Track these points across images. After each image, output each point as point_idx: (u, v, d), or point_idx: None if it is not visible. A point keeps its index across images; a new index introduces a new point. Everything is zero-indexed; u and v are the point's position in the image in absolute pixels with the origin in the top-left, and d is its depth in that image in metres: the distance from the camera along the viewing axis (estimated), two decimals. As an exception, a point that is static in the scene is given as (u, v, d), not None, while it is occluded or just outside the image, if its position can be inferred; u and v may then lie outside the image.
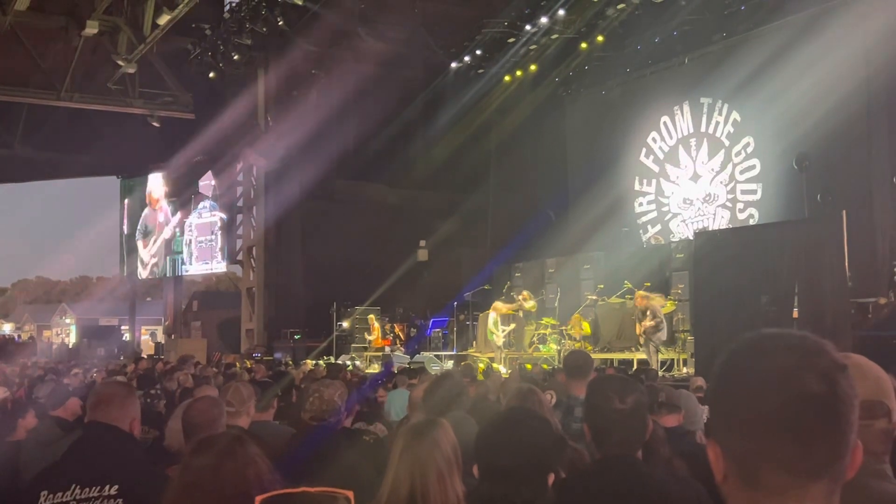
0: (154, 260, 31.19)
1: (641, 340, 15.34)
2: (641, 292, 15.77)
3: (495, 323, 19.38)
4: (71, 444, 3.21)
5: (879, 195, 16.53)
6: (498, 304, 19.14)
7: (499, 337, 19.43)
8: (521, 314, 18.57)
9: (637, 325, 15.42)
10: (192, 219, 29.62)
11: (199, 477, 2.23)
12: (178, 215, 30.24)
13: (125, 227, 32.34)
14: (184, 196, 29.73)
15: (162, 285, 33.31)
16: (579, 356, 4.94)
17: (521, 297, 18.55)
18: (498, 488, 2.52)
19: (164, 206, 30.81)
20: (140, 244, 31.69)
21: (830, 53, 16.79)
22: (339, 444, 4.06)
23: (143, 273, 31.93)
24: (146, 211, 31.51)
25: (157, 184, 31.16)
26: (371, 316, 22.47)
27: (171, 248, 30.19)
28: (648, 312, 15.05)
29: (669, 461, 3.52)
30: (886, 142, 16.85)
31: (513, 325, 19.34)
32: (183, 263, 30.07)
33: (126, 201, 32.59)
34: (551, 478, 2.56)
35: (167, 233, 30.64)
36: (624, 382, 2.88)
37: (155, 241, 31.16)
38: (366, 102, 25.41)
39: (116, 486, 2.94)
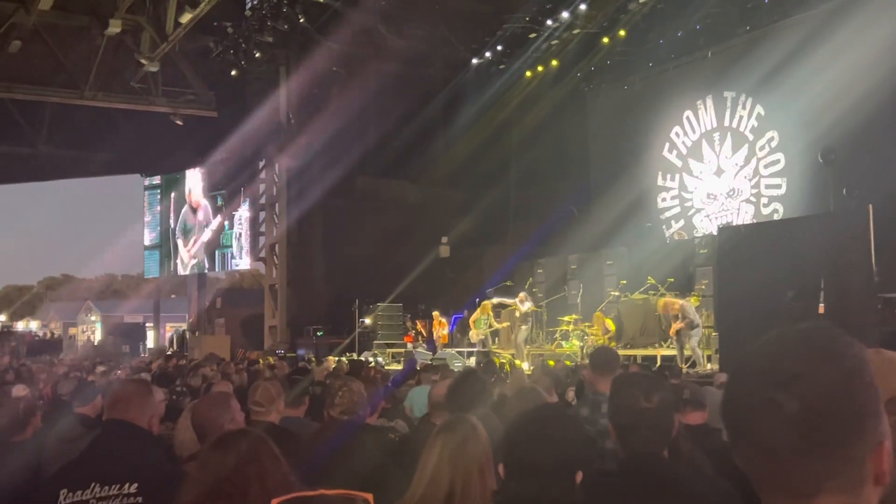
0: (194, 261, 31.30)
1: (674, 339, 15.22)
2: (662, 301, 15.67)
3: (476, 321, 19.53)
4: (90, 442, 3.21)
5: (906, 188, 16.32)
6: (485, 303, 19.57)
7: (476, 334, 19.55)
8: (517, 314, 18.54)
9: (671, 326, 15.30)
10: (242, 212, 29.57)
11: (213, 475, 2.22)
12: (221, 213, 30.23)
13: (170, 223, 32.34)
14: (230, 189, 29.72)
15: (186, 283, 33.49)
16: (606, 352, 4.90)
17: (517, 300, 18.56)
18: (526, 487, 2.49)
19: (204, 203, 30.84)
20: (180, 242, 31.81)
21: (855, 45, 16.60)
22: (365, 441, 4.05)
23: (183, 271, 32.02)
24: (185, 209, 31.58)
25: (195, 181, 31.17)
26: (435, 313, 22.08)
27: (220, 243, 30.12)
28: (681, 314, 14.94)
29: (692, 459, 3.47)
30: (913, 134, 16.64)
31: (505, 324, 19.46)
32: (233, 258, 30.03)
33: (162, 199, 32.66)
34: (579, 476, 2.53)
35: (207, 233, 30.64)
36: (650, 380, 2.84)
37: (196, 241, 31.25)
38: (387, 100, 25.42)
39: (136, 485, 2.93)
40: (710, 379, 10.93)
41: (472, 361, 18.37)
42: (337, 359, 19.30)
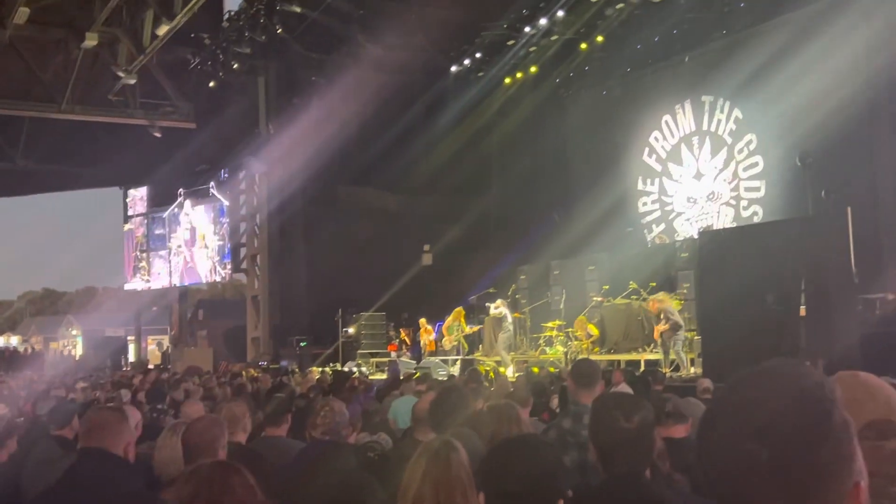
0: (176, 269, 31.06)
1: (659, 342, 15.24)
2: (652, 298, 15.70)
3: (448, 328, 19.61)
4: (66, 471, 3.17)
5: (884, 190, 16.48)
6: (457, 310, 19.93)
7: (448, 340, 19.64)
8: (496, 320, 18.60)
9: (655, 329, 15.32)
10: (218, 221, 29.35)
11: None
12: (197, 222, 30.00)
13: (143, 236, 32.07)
14: (206, 198, 29.53)
15: (168, 295, 33.26)
16: (587, 365, 4.89)
17: (493, 306, 18.62)
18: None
19: (182, 215, 30.61)
20: (160, 253, 31.56)
21: (832, 50, 16.74)
22: (346, 461, 4.02)
23: (172, 282, 31.70)
24: (165, 220, 31.32)
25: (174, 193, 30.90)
26: (422, 320, 22.04)
27: (221, 252, 29.83)
28: (662, 315, 14.97)
29: (670, 477, 3.46)
30: (890, 137, 16.79)
31: (475, 328, 19.58)
32: (224, 268, 29.77)
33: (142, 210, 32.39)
34: (560, 503, 2.51)
35: (197, 240, 30.41)
36: (630, 401, 2.84)
37: (173, 251, 31.01)
38: (366, 108, 25.38)
39: (111, 515, 2.89)
40: (694, 383, 10.96)
41: (457, 369, 18.34)
42: (321, 369, 19.23)
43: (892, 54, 15.74)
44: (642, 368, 15.08)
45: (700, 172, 21.43)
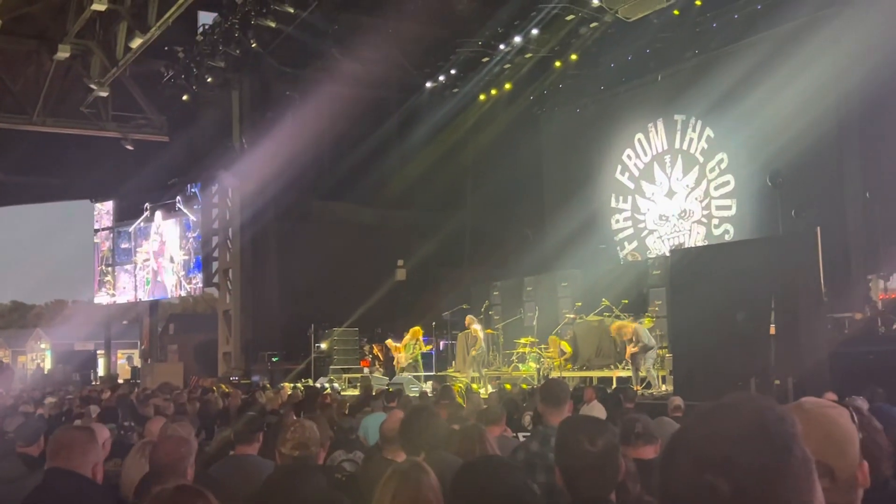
0: (141, 283, 30.81)
1: (630, 361, 15.32)
2: (616, 325, 15.78)
3: (406, 346, 19.70)
4: (32, 491, 3.13)
5: (853, 211, 16.67)
6: (415, 329, 20.24)
7: (405, 358, 19.73)
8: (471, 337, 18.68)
9: (626, 350, 15.40)
10: (186, 236, 29.18)
11: None
12: (167, 236, 29.81)
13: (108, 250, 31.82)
14: (174, 216, 29.39)
15: (138, 309, 32.97)
16: (556, 385, 4.90)
17: (466, 322, 18.69)
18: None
19: (153, 228, 30.39)
20: (126, 267, 31.31)
21: (802, 70, 16.96)
22: (317, 482, 3.98)
23: (138, 296, 31.42)
24: (130, 234, 31.08)
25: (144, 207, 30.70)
26: (388, 340, 22.04)
27: (187, 266, 29.59)
28: (634, 338, 15.05)
29: (640, 499, 3.47)
30: (859, 159, 17.01)
31: (428, 347, 19.79)
32: (190, 282, 29.54)
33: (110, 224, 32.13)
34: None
35: (169, 254, 30.20)
36: (595, 424, 2.85)
37: (138, 265, 30.78)
38: (341, 122, 25.37)
39: (79, 537, 2.86)
40: (665, 401, 11.00)
41: (430, 386, 18.32)
42: (292, 385, 19.12)
43: (862, 76, 15.97)
44: (614, 386, 15.15)
45: (672, 190, 21.59)
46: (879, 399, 8.08)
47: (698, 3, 19.52)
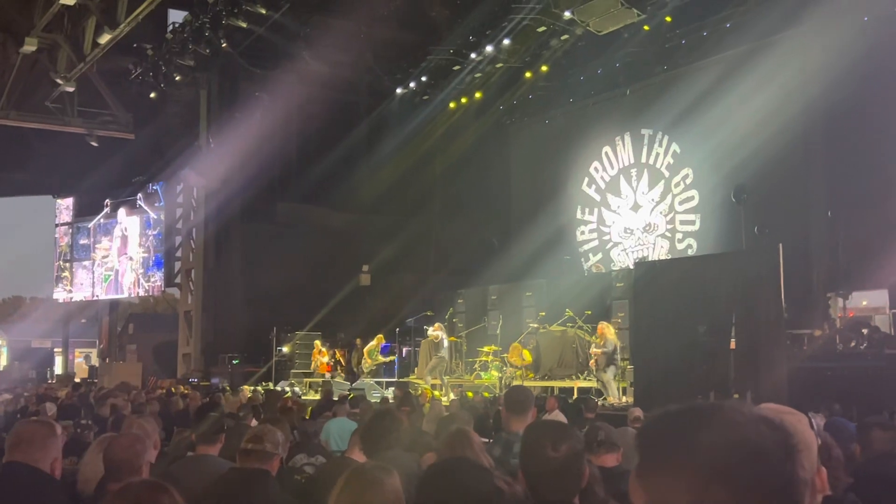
0: (99, 280, 30.43)
1: (593, 368, 15.40)
2: (603, 324, 15.82)
3: (370, 351, 19.77)
4: (-12, 486, 3.07)
5: (815, 228, 16.90)
6: (380, 336, 20.40)
7: (368, 364, 19.83)
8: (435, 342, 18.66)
9: (591, 350, 15.49)
10: (147, 235, 28.90)
11: None
12: (129, 232, 29.50)
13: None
14: (136, 213, 29.09)
15: (97, 307, 32.55)
16: (520, 392, 4.91)
17: (431, 329, 18.67)
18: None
19: (116, 224, 30.04)
20: (84, 263, 30.92)
21: (767, 87, 17.25)
22: (269, 485, 3.95)
23: (96, 293, 31.02)
24: (90, 230, 30.71)
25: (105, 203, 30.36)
26: (317, 342, 22.14)
27: (146, 264, 29.24)
28: (604, 342, 15.14)
29: (606, 503, 3.48)
30: (822, 176, 17.26)
31: (391, 358, 19.83)
32: (148, 281, 29.21)
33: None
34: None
35: (110, 254, 29.89)
36: (559, 429, 2.85)
37: (96, 262, 30.41)
38: (309, 125, 25.28)
39: (35, 532, 2.81)
40: (625, 412, 11.06)
41: (391, 392, 18.27)
42: (252, 388, 18.97)
43: (824, 91, 16.23)
44: (575, 396, 15.19)
45: (637, 204, 21.76)
46: (836, 414, 8.19)
47: (668, 19, 19.73)
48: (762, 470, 1.12)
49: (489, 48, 22.00)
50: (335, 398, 13.40)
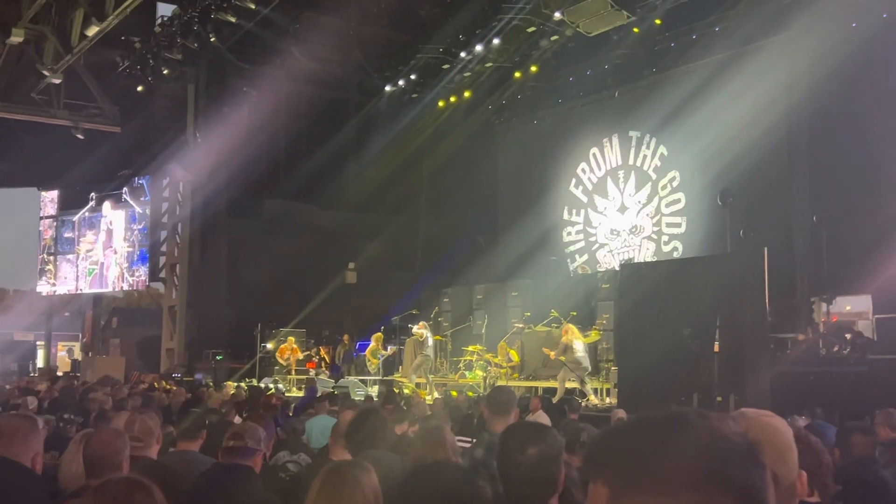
0: (83, 274, 30.28)
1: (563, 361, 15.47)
2: (567, 326, 15.87)
3: (372, 352, 19.78)
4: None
5: (799, 233, 16.99)
6: (377, 335, 20.24)
7: (373, 365, 19.84)
8: (419, 341, 18.65)
9: (551, 353, 15.60)
10: (132, 229, 28.76)
11: None
12: (115, 226, 29.35)
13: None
14: (122, 207, 28.95)
15: (81, 300, 32.37)
16: (503, 393, 4.90)
17: (416, 328, 18.68)
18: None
19: (101, 218, 29.88)
20: (68, 257, 30.75)
21: (753, 91, 17.35)
22: (253, 481, 3.93)
23: (79, 287, 30.82)
24: (74, 224, 30.54)
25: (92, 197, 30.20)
26: (291, 338, 22.13)
27: (131, 259, 29.08)
28: (566, 349, 15.20)
29: (583, 506, 3.48)
30: (807, 181, 17.35)
31: (392, 350, 19.84)
32: (133, 275, 29.04)
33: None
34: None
35: (94, 247, 29.74)
36: (531, 432, 2.86)
37: (81, 255, 30.26)
38: (297, 122, 25.22)
39: (14, 527, 2.79)
40: (609, 413, 11.09)
41: (375, 390, 18.27)
42: (236, 384, 18.92)
43: (810, 94, 16.33)
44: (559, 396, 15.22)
45: (624, 206, 21.81)
46: (818, 418, 8.24)
47: (658, 22, 19.77)
48: (731, 472, 1.11)
49: (479, 47, 21.99)
50: (318, 395, 13.36)
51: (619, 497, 1.11)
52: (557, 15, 19.64)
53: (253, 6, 20.74)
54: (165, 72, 24.16)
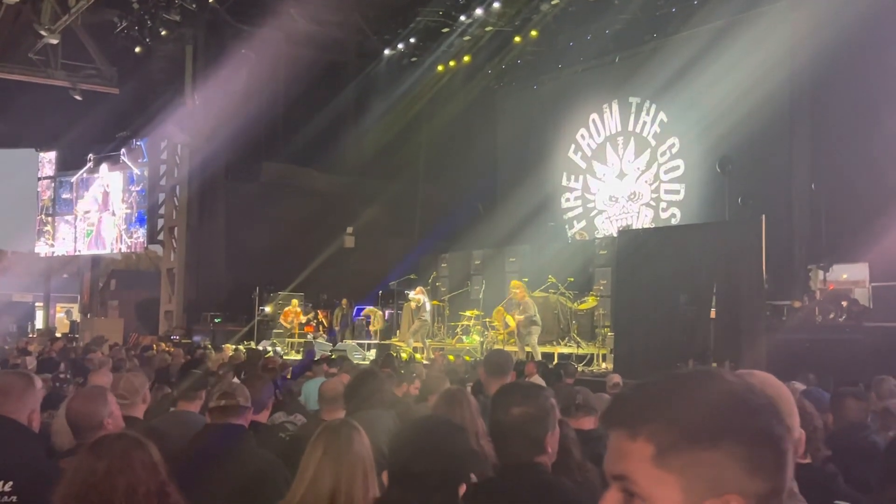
0: (81, 235, 30.28)
1: (516, 334, 15.51)
2: (515, 284, 15.93)
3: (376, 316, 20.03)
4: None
5: (798, 201, 16.98)
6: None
7: (374, 326, 20.15)
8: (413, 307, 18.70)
9: (508, 318, 15.65)
10: (131, 191, 28.74)
11: (81, 481, 2.15)
12: (111, 188, 29.31)
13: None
14: (119, 168, 28.90)
15: (79, 262, 32.41)
16: (500, 355, 4.94)
17: (413, 293, 18.73)
18: (408, 494, 2.48)
19: (97, 179, 29.83)
20: (66, 218, 30.74)
21: (754, 57, 17.24)
22: (246, 440, 3.96)
23: (77, 248, 30.80)
24: (72, 184, 30.48)
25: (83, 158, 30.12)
26: (295, 301, 22.17)
27: (129, 220, 29.05)
28: (522, 307, 15.25)
29: (581, 465, 3.53)
30: (807, 147, 17.31)
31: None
32: (131, 237, 29.02)
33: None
34: (462, 488, 2.54)
35: (91, 210, 29.74)
36: (519, 392, 2.88)
37: (79, 216, 30.25)
38: (296, 85, 25.04)
39: (11, 483, 2.81)
40: (604, 378, 11.15)
41: (373, 354, 18.33)
42: (234, 347, 18.99)
43: (811, 59, 16.24)
44: (555, 361, 15.28)
45: (623, 172, 21.77)
46: (811, 384, 8.29)
47: (660, -14, 19.62)
48: (769, 426, 1.13)
49: (479, 11, 21.80)
50: (315, 359, 13.41)
51: (665, 452, 1.12)
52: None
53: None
54: (163, 33, 23.98)
